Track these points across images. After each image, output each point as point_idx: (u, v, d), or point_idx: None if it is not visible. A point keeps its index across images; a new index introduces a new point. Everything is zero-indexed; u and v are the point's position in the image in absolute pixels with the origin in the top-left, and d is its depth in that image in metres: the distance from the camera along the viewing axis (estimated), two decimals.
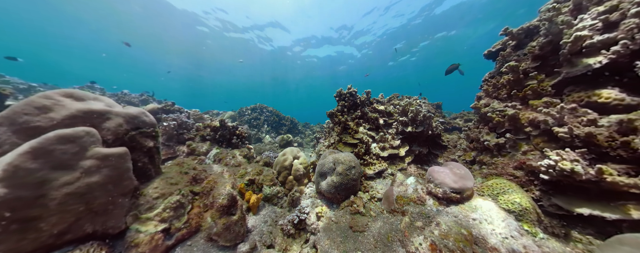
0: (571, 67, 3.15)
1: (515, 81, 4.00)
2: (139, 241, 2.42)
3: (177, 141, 5.61)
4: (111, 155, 2.38)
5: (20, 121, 2.14)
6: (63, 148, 2.06)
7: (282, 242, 3.21)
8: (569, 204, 2.50)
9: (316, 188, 4.08)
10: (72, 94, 2.61)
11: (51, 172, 1.97)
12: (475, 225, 2.64)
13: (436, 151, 5.24)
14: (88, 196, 2.18)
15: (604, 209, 2.26)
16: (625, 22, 2.72)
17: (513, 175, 3.24)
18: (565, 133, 2.76)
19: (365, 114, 5.65)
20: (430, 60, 39.79)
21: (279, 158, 4.68)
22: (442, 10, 23.80)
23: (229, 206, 3.03)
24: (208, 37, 29.62)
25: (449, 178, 3.17)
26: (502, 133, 3.94)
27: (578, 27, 3.15)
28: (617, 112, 2.63)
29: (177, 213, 2.86)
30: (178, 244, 2.78)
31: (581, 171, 2.33)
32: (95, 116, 2.58)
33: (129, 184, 2.56)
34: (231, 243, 2.92)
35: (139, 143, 2.96)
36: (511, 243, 2.35)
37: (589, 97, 2.88)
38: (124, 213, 2.49)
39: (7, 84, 8.04)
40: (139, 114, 3.07)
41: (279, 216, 3.76)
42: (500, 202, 2.84)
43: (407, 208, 3.24)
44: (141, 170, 2.96)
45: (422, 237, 2.65)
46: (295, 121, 13.74)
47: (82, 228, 2.18)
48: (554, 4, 3.81)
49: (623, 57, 2.65)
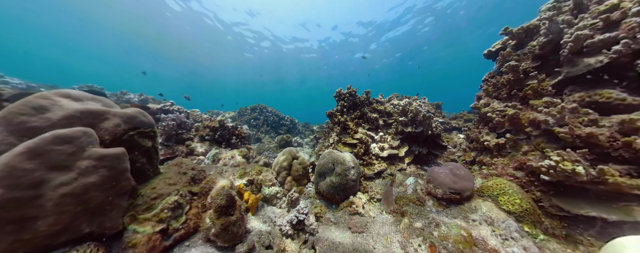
0: (572, 66, 3.13)
1: (515, 81, 3.98)
2: (136, 241, 2.40)
3: (176, 141, 5.59)
4: (109, 155, 2.36)
5: (16, 122, 2.13)
6: (60, 149, 2.05)
7: (280, 243, 3.19)
8: (570, 205, 2.48)
9: (315, 188, 4.06)
10: (70, 95, 2.60)
11: (47, 173, 1.96)
12: (475, 226, 2.61)
13: (436, 152, 5.22)
14: (85, 197, 2.17)
15: (605, 210, 2.24)
16: (627, 21, 2.70)
17: (513, 175, 3.22)
18: (566, 133, 2.73)
19: (364, 114, 5.63)
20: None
21: (278, 158, 4.66)
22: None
23: (227, 207, 3.01)
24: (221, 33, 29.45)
25: (449, 179, 3.15)
26: (502, 133, 3.91)
27: (579, 27, 3.13)
28: (619, 112, 2.60)
29: (175, 213, 2.84)
30: (176, 245, 2.77)
31: (583, 172, 2.31)
32: (92, 116, 2.56)
33: (126, 184, 2.54)
34: (229, 244, 2.90)
35: (137, 143, 2.95)
36: (511, 244, 2.32)
37: (590, 97, 2.86)
38: (121, 213, 2.47)
39: (6, 84, 8.05)
40: (137, 115, 3.06)
41: (277, 216, 3.74)
42: (500, 203, 2.82)
43: (406, 209, 3.22)
44: (139, 170, 2.95)
45: (421, 238, 2.63)
46: (295, 121, 13.73)
47: (78, 229, 2.16)
48: (554, 3, 3.79)
49: (624, 56, 2.63)
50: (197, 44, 32.34)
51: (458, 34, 30.35)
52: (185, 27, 27.25)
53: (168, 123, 5.50)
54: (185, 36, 29.80)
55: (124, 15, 25.63)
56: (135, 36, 31.35)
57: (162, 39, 31.00)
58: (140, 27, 27.90)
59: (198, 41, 31.08)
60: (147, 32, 29.07)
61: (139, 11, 24.26)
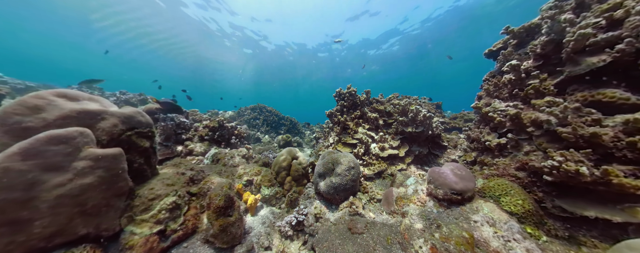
0: (574, 66, 3.10)
1: (516, 80, 3.94)
2: (133, 243, 2.37)
3: (175, 141, 5.56)
4: (105, 156, 2.33)
5: (11, 122, 2.09)
6: (55, 149, 2.01)
7: (280, 244, 3.16)
8: (573, 206, 2.44)
9: (315, 189, 4.03)
10: (66, 94, 2.57)
11: (42, 173, 1.93)
12: (477, 228, 2.58)
13: (436, 152, 5.18)
14: (81, 198, 2.13)
15: (609, 212, 2.20)
16: (630, 20, 2.66)
17: (515, 176, 3.18)
18: (569, 133, 2.70)
19: (364, 114, 5.60)
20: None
21: (277, 159, 4.63)
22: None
23: (226, 208, 2.98)
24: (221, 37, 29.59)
25: (450, 179, 3.11)
26: (503, 133, 3.88)
27: (581, 25, 3.09)
28: (623, 111, 2.57)
29: (173, 214, 2.81)
30: (174, 246, 2.73)
31: (586, 173, 2.27)
32: (89, 116, 2.53)
33: (123, 185, 2.51)
34: (228, 245, 2.87)
35: (134, 144, 2.92)
36: (514, 246, 2.29)
37: (593, 96, 2.82)
38: (118, 214, 2.44)
39: (5, 83, 8.02)
40: (135, 114, 3.02)
41: (277, 217, 3.71)
42: (502, 204, 2.78)
43: (407, 209, 3.19)
44: (137, 170, 2.92)
45: (422, 239, 2.59)
46: (295, 121, 13.68)
47: (75, 231, 2.13)
48: (556, 2, 3.75)
49: (628, 55, 2.60)
50: (200, 45, 32.39)
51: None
52: (187, 29, 27.31)
53: (167, 123, 5.47)
54: (188, 37, 29.86)
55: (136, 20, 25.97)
56: (137, 37, 31.46)
57: (163, 39, 31.05)
58: (151, 31, 28.19)
59: (200, 40, 31.10)
60: (155, 35, 29.46)
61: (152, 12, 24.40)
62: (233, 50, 33.62)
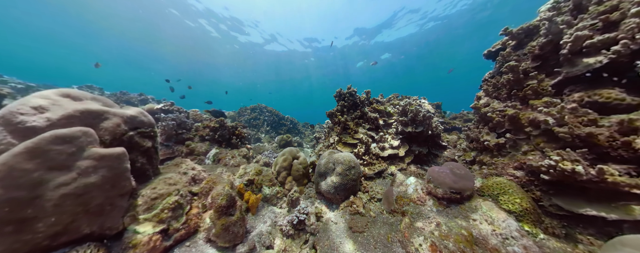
0: (572, 66, 3.14)
1: (515, 81, 3.99)
2: (136, 242, 2.39)
3: (176, 141, 5.58)
4: (109, 156, 2.35)
5: (15, 121, 2.11)
6: (59, 149, 2.03)
7: (281, 243, 3.19)
8: (570, 204, 2.49)
9: (316, 188, 4.06)
10: (69, 94, 2.58)
11: (47, 173, 1.95)
12: (476, 226, 2.62)
13: (436, 151, 5.23)
14: (85, 197, 2.15)
15: (604, 209, 2.25)
16: (626, 22, 2.71)
17: (513, 175, 3.23)
18: (565, 133, 2.75)
19: (364, 114, 5.64)
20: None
21: (278, 158, 4.66)
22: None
23: (227, 207, 3.01)
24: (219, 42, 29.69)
25: (449, 179, 3.15)
26: (502, 133, 3.92)
27: (578, 27, 3.14)
28: (618, 112, 2.62)
29: (176, 213, 2.83)
30: (176, 245, 2.76)
31: (582, 172, 2.32)
32: (92, 116, 2.55)
33: (126, 184, 2.53)
34: (230, 244, 2.90)
35: (137, 144, 2.94)
36: (512, 243, 2.33)
37: (590, 97, 2.87)
38: (121, 214, 2.46)
39: (5, 83, 8.00)
40: (137, 115, 3.04)
41: (278, 216, 3.74)
42: (500, 202, 2.82)
43: (407, 208, 3.23)
44: (139, 170, 2.94)
45: (422, 237, 2.63)
46: (295, 121, 13.72)
47: (78, 230, 2.15)
48: (554, 4, 3.80)
49: (624, 56, 2.64)
50: (199, 44, 32.34)
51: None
52: (187, 26, 27.26)
53: (168, 123, 5.49)
54: (187, 37, 29.83)
55: (137, 22, 25.88)
56: (138, 39, 31.46)
57: (164, 39, 31.02)
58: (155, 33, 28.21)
59: (200, 41, 31.07)
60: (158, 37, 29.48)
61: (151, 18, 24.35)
62: (237, 51, 33.64)
